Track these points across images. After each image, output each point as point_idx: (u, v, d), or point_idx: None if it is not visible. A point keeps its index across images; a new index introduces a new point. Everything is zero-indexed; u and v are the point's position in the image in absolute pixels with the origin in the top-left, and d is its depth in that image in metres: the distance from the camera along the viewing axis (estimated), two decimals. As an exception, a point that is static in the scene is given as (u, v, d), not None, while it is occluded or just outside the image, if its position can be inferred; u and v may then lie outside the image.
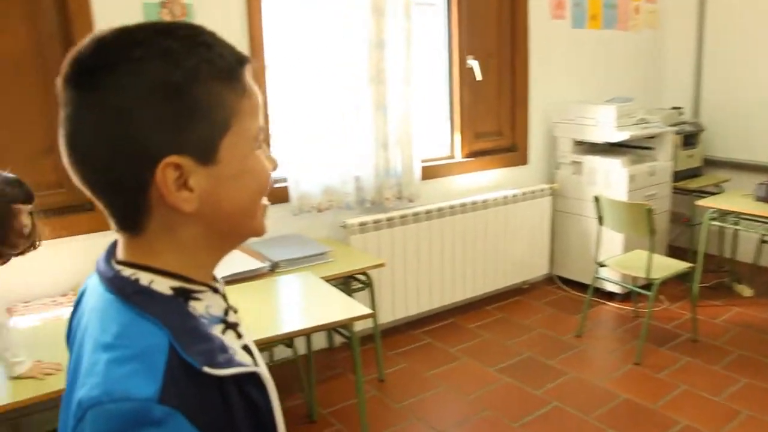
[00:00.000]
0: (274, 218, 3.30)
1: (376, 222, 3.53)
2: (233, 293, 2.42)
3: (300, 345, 3.06)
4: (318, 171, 3.35)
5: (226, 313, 0.84)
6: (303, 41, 3.17)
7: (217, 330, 0.79)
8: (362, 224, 3.48)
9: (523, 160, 4.35)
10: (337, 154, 3.37)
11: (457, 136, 4.05)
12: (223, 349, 0.76)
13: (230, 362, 0.74)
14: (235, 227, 0.82)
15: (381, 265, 3.13)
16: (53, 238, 2.75)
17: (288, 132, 3.25)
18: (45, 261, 2.81)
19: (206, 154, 0.75)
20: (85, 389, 0.69)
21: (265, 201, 0.84)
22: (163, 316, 0.74)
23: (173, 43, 0.73)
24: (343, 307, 2.40)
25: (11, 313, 2.68)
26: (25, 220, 1.98)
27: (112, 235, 2.49)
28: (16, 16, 2.72)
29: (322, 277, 2.81)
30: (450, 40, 3.93)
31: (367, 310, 2.35)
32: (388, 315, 3.62)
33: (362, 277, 3.14)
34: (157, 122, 0.72)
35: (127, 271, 0.77)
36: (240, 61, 0.77)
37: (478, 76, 3.94)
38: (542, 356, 3.39)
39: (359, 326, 3.27)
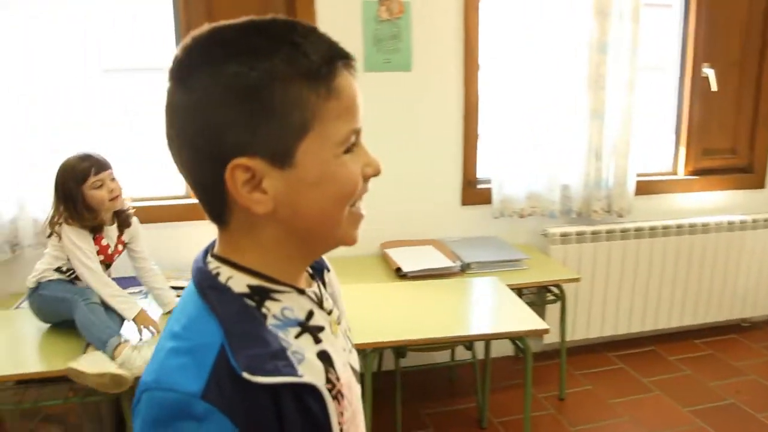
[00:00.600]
0: (474, 219, 3.29)
1: (579, 234, 3.35)
2: (421, 288, 2.43)
3: (480, 349, 3.01)
4: (524, 175, 3.26)
5: (309, 316, 0.82)
6: (519, 42, 3.09)
7: (289, 334, 0.78)
8: (564, 235, 3.34)
9: (759, 183, 3.88)
10: (545, 159, 3.25)
11: (682, 151, 3.71)
12: (279, 355, 0.74)
13: (276, 370, 0.72)
14: (318, 235, 0.80)
15: (576, 280, 2.98)
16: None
17: (496, 133, 3.19)
18: (204, 237, 3.03)
19: (281, 157, 0.73)
20: (145, 372, 0.73)
21: (358, 209, 0.81)
22: (225, 316, 0.74)
23: (259, 42, 0.72)
24: (520, 319, 2.32)
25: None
26: (111, 184, 2.29)
27: None
28: (252, 10, 2.95)
29: (515, 284, 2.75)
30: (684, 46, 3.60)
31: (543, 326, 2.24)
32: (580, 332, 3.44)
33: (556, 290, 3.01)
34: (231, 123, 0.71)
35: (212, 264, 0.79)
36: (329, 61, 0.73)
37: (714, 87, 3.57)
38: (749, 406, 3.00)
39: (547, 339, 3.19)
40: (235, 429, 0.69)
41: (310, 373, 0.77)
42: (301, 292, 0.82)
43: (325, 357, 0.81)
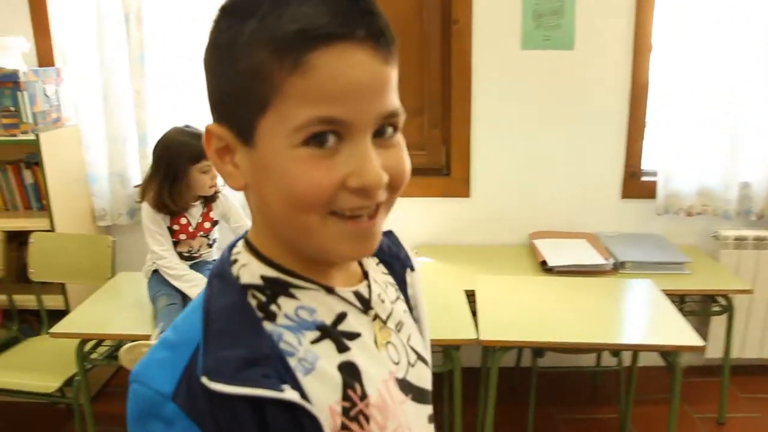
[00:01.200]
0: (635, 214, 3.00)
1: (758, 239, 2.94)
2: (565, 285, 2.23)
3: (628, 355, 2.74)
4: (695, 169, 2.91)
5: (339, 320, 0.70)
6: (698, 22, 2.73)
7: (303, 338, 0.66)
8: (740, 239, 2.94)
9: None
10: (721, 152, 2.88)
11: None
12: (262, 361, 0.62)
13: (246, 379, 0.60)
14: (292, 237, 0.67)
15: (748, 291, 2.61)
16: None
17: (666, 121, 2.87)
18: (397, 217, 2.98)
19: (245, 133, 0.63)
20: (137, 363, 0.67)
21: (353, 221, 0.64)
22: (212, 309, 0.65)
23: (247, 2, 0.61)
24: (673, 331, 2.05)
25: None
26: (215, 171, 2.05)
27: (461, 201, 2.45)
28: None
29: (674, 290, 2.47)
30: None
31: (699, 342, 1.96)
32: (751, 350, 3.03)
33: (723, 300, 2.66)
34: (212, 84, 0.66)
35: (237, 249, 0.71)
36: (307, 27, 0.58)
37: None
38: None
39: (710, 353, 2.84)
40: None
41: (320, 386, 0.65)
42: (330, 290, 0.70)
43: (350, 371, 0.68)
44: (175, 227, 2.37)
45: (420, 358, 0.80)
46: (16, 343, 2.60)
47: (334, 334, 0.69)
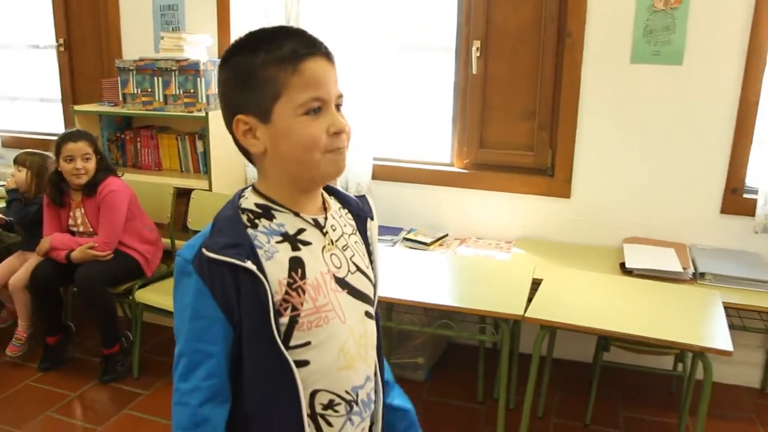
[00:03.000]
0: (734, 230, 3.03)
1: None
2: (639, 286, 2.38)
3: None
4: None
5: (299, 232, 1.10)
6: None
7: (271, 239, 1.08)
8: None
9: None
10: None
11: None
12: (238, 247, 1.04)
13: (224, 253, 1.03)
14: (301, 172, 1.09)
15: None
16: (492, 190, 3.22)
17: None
18: (500, 210, 3.28)
19: (264, 115, 1.07)
20: None
21: (334, 156, 1.08)
22: (219, 217, 1.10)
23: (255, 43, 1.06)
24: (703, 335, 2.17)
25: (461, 243, 3.24)
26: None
27: (561, 202, 2.85)
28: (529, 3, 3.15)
29: (754, 306, 2.56)
30: None
31: (727, 346, 2.05)
32: None
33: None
34: (235, 92, 1.09)
35: (245, 192, 1.14)
36: (295, 51, 1.04)
37: None
38: None
39: None
40: (204, 286, 1.04)
41: (275, 267, 1.06)
42: (296, 214, 1.11)
43: (296, 262, 1.08)
44: None
45: (360, 271, 1.19)
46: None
47: (292, 239, 1.10)
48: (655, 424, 2.83)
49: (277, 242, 1.09)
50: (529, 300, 2.41)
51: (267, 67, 1.04)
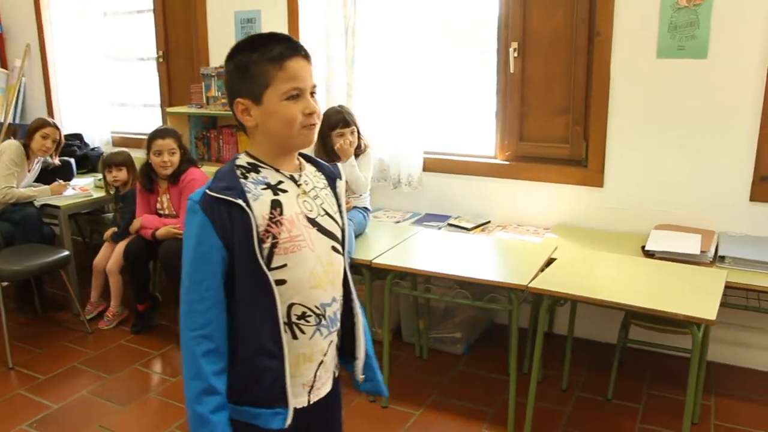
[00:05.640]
0: (759, 217, 3.11)
1: None
2: (657, 267, 2.88)
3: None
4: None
5: (278, 183, 1.45)
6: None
7: (258, 186, 1.42)
8: None
9: None
10: None
11: None
12: (233, 189, 1.38)
13: (222, 193, 1.37)
14: (282, 140, 1.45)
15: None
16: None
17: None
18: (539, 199, 3.51)
19: (257, 99, 1.42)
20: None
21: (307, 130, 1.43)
22: (219, 171, 1.46)
23: (253, 45, 1.41)
24: (702, 304, 2.33)
25: (502, 229, 3.51)
26: (351, 137, 3.23)
27: (595, 191, 3.09)
28: (560, 4, 3.39)
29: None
30: None
31: (710, 315, 2.22)
32: None
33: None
34: (236, 81, 1.44)
35: (240, 154, 1.50)
36: (281, 53, 1.39)
37: None
38: None
39: None
40: (207, 219, 1.39)
41: (259, 206, 1.39)
42: (277, 170, 1.47)
43: (275, 203, 1.43)
44: None
45: (328, 215, 1.52)
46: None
47: (273, 188, 1.45)
48: (677, 402, 2.97)
49: (262, 189, 1.43)
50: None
51: (260, 64, 1.38)
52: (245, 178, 1.43)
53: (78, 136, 4.97)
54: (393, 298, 3.42)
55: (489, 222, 3.61)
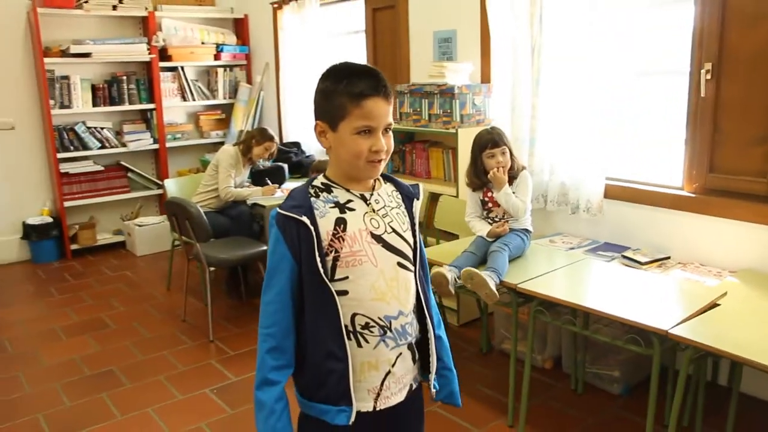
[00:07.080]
0: None
1: None
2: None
3: None
4: None
5: (348, 202, 1.57)
6: None
7: (327, 204, 1.55)
8: None
9: None
10: None
11: None
12: (302, 208, 1.52)
13: (291, 211, 1.51)
14: (348, 168, 1.57)
15: None
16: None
17: None
18: (727, 238, 3.17)
19: (333, 125, 1.53)
20: None
21: (373, 164, 1.53)
22: (295, 190, 1.61)
23: (342, 76, 1.50)
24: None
25: (683, 267, 3.24)
26: (502, 158, 3.20)
27: None
28: (766, 17, 3.00)
29: None
30: None
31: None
32: None
33: None
34: (319, 105, 1.56)
35: (319, 176, 1.63)
36: (362, 92, 1.47)
37: None
38: None
39: None
40: (280, 234, 1.55)
41: (325, 222, 1.53)
42: (348, 190, 1.59)
43: (339, 220, 1.56)
44: (486, 199, 3.31)
45: (396, 232, 1.61)
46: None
47: (341, 206, 1.58)
48: None
49: (330, 207, 1.56)
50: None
51: (342, 96, 1.48)
52: (317, 196, 1.57)
53: (296, 144, 5.51)
54: (554, 327, 3.32)
55: (669, 258, 3.34)
